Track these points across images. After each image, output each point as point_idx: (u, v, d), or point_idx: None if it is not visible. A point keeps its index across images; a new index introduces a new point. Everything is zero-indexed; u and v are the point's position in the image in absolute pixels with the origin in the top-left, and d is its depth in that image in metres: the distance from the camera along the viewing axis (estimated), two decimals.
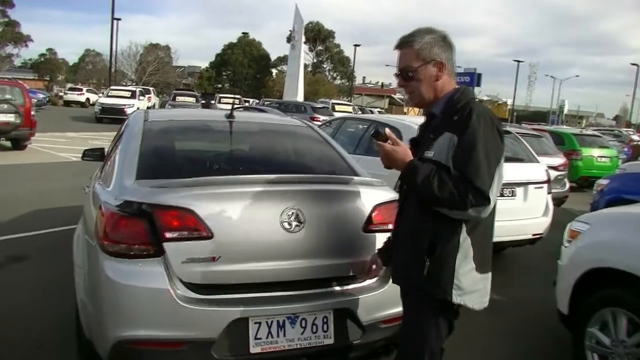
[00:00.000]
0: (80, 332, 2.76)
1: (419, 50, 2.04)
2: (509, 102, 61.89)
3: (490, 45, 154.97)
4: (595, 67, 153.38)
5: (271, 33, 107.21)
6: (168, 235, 2.38)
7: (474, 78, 34.33)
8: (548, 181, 5.81)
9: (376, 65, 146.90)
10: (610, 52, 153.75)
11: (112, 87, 28.73)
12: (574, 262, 3.52)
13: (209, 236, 2.41)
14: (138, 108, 24.58)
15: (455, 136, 1.92)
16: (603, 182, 6.84)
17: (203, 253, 2.40)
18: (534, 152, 6.16)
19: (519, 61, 58.85)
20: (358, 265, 2.67)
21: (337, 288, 2.68)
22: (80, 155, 4.92)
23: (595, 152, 13.93)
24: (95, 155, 4.76)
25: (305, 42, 38.55)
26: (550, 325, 3.95)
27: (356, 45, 56.75)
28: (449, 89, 2.08)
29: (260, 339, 2.45)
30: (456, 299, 1.99)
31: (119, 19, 38.44)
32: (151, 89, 33.54)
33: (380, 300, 2.72)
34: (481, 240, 2.02)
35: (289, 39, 38.92)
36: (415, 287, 2.10)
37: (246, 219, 2.49)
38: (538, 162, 5.98)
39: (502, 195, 5.38)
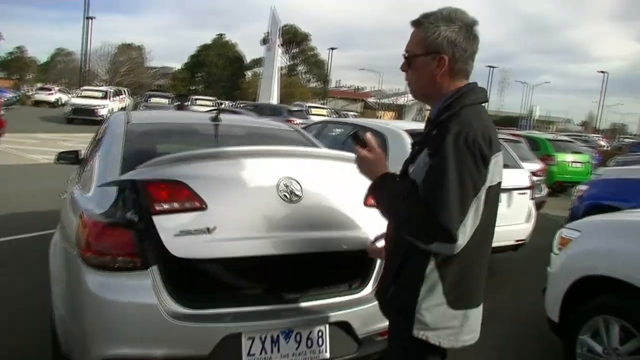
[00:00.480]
0: (57, 348, 2.59)
1: (425, 36, 1.74)
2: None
3: None
4: (564, 74, 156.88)
5: (246, 35, 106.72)
6: (158, 208, 2.25)
7: None
8: (532, 187, 5.82)
9: (350, 69, 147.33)
10: (580, 60, 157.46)
11: (84, 87, 28.12)
12: (565, 270, 3.51)
13: (203, 207, 2.28)
14: (111, 109, 24.17)
15: (428, 155, 1.67)
16: (582, 187, 6.89)
17: (198, 225, 2.27)
18: (517, 158, 6.17)
19: (492, 67, 59.86)
20: (360, 240, 2.56)
21: (332, 300, 2.58)
22: (53, 157, 4.71)
23: (569, 157, 14.12)
24: (70, 158, 4.56)
25: (280, 45, 38.40)
26: (540, 332, 3.92)
27: (331, 49, 56.94)
28: (453, 88, 1.77)
29: (253, 355, 2.33)
30: (417, 333, 1.73)
31: (92, 18, 37.69)
32: (124, 89, 32.88)
33: (376, 312, 2.62)
34: (459, 272, 1.73)
35: (264, 41, 38.68)
36: (382, 311, 1.96)
37: (242, 189, 2.40)
38: (522, 167, 5.98)
39: None
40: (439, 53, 1.73)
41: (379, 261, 2.73)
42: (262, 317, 2.38)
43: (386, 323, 2.62)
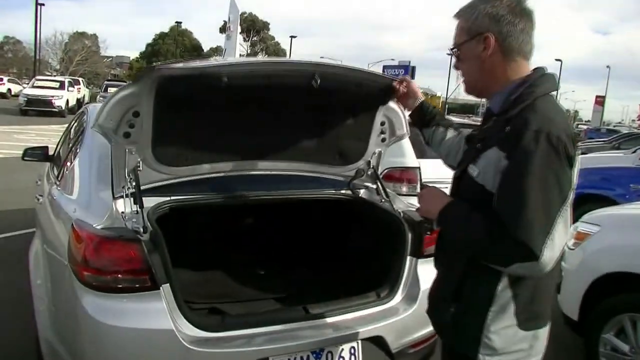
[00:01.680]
0: None
1: (466, 22, 1.54)
2: (441, 94, 63.49)
3: (420, 39, 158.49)
4: None
5: (204, 23, 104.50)
6: None
7: (408, 71, 34.57)
8: None
9: (311, 58, 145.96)
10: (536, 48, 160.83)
11: (37, 77, 26.70)
12: (585, 267, 3.34)
13: None
14: (68, 100, 23.05)
15: (503, 156, 1.40)
16: None
17: None
18: None
19: (452, 54, 60.19)
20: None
21: (362, 313, 2.31)
22: (7, 152, 4.24)
23: None
24: (38, 154, 4.11)
25: (240, 33, 37.59)
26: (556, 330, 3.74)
27: (292, 37, 56.27)
28: (516, 75, 1.52)
29: None
30: (483, 358, 1.51)
31: (42, 4, 35.88)
32: (80, 79, 31.51)
33: (409, 322, 2.39)
34: (533, 289, 1.50)
35: (222, 30, 37.83)
36: (437, 330, 1.73)
37: None
38: None
39: None
40: (482, 33, 1.51)
41: (407, 265, 2.48)
42: (290, 337, 2.10)
43: (419, 334, 2.44)
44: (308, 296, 2.69)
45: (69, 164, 2.90)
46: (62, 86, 24.03)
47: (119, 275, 1.90)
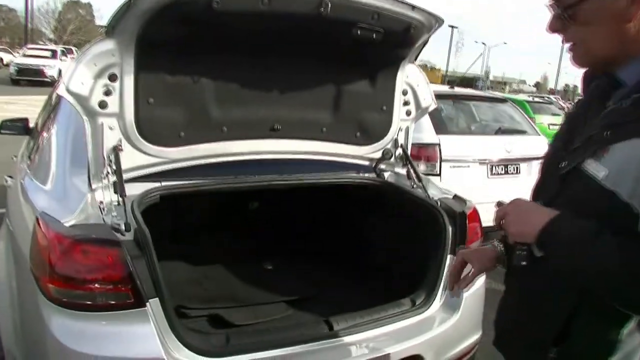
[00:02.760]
0: None
1: None
2: (441, 68, 62.57)
3: None
4: (520, 36, 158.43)
5: None
6: None
7: None
8: None
9: None
10: (535, 21, 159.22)
11: (29, 46, 25.93)
12: None
13: None
14: (60, 69, 22.36)
15: None
16: None
17: None
18: (533, 124, 5.57)
19: (453, 27, 59.15)
20: None
21: (396, 326, 1.90)
22: None
23: (547, 119, 13.80)
24: (17, 127, 3.64)
25: None
26: None
27: None
28: None
29: None
30: None
31: None
32: (73, 48, 30.64)
33: (450, 335, 2.00)
34: None
35: None
36: None
37: None
38: (539, 134, 5.39)
39: (506, 172, 4.77)
40: None
41: (447, 265, 2.07)
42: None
43: (460, 348, 2.06)
44: (326, 300, 2.29)
45: (40, 140, 2.45)
46: (54, 55, 23.34)
47: (94, 289, 1.48)
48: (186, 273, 2.53)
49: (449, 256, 2.09)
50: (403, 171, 2.46)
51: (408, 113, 2.45)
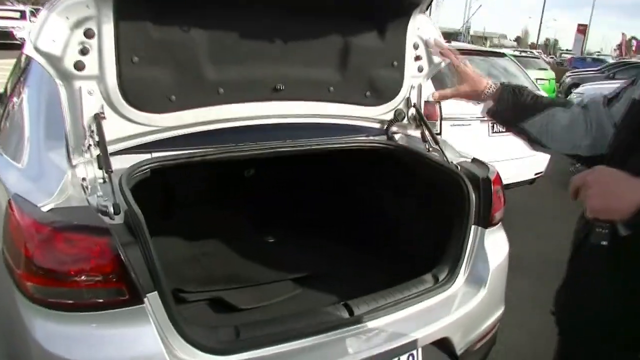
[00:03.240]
0: None
1: None
2: None
3: None
4: None
5: None
6: None
7: None
8: None
9: None
10: None
11: None
12: None
13: None
14: (30, 31, 21.39)
15: None
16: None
17: None
18: (533, 80, 5.35)
19: None
20: None
21: (419, 307, 1.72)
22: None
23: (534, 73, 13.58)
24: None
25: None
26: None
27: None
28: None
29: None
30: None
31: None
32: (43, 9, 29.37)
33: (476, 313, 1.83)
34: None
35: None
36: None
37: None
38: (539, 89, 5.18)
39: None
40: None
41: (471, 237, 1.88)
42: (332, 355, 1.50)
43: (485, 325, 1.91)
44: (336, 277, 2.11)
45: (10, 109, 2.17)
46: (23, 16, 22.32)
47: (81, 286, 1.25)
48: (182, 251, 2.32)
49: (472, 227, 1.90)
50: (417, 133, 2.24)
51: (420, 69, 2.22)
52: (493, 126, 4.46)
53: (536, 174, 4.93)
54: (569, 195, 0.95)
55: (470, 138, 4.28)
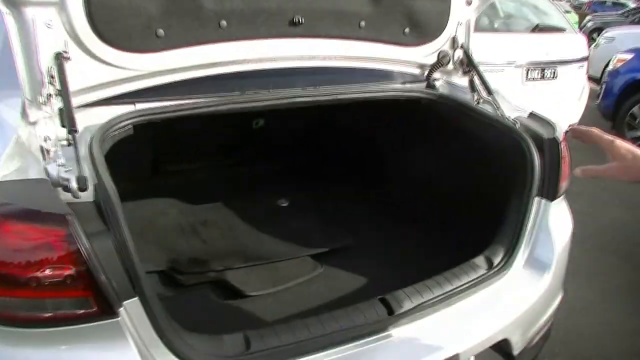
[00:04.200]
0: None
1: None
2: None
3: None
4: None
5: None
6: None
7: None
8: (587, 58, 4.59)
9: None
10: None
11: None
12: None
13: None
14: None
15: None
16: (623, 57, 5.44)
17: None
18: (568, 19, 4.83)
19: None
20: None
21: (469, 301, 1.38)
22: None
23: None
24: None
25: None
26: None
27: None
28: None
29: None
30: None
31: None
32: None
33: (539, 304, 1.49)
34: None
35: None
36: None
37: None
38: (576, 32, 4.68)
39: (542, 77, 4.13)
40: None
41: (533, 211, 1.54)
42: None
43: (545, 317, 1.57)
44: (365, 252, 1.77)
45: None
46: None
47: (34, 295, 0.91)
48: (176, 219, 1.98)
49: (535, 199, 1.53)
50: (464, 81, 1.84)
51: (469, 2, 1.80)
52: (527, 72, 4.02)
53: (569, 125, 4.52)
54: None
55: (503, 85, 3.87)
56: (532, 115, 1.73)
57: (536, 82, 4.10)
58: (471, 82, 1.81)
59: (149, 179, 2.19)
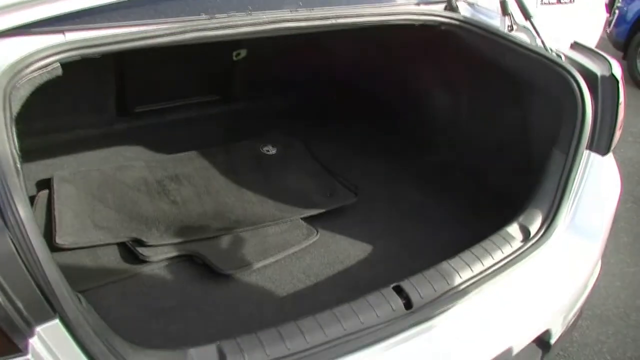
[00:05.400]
0: None
1: None
2: None
3: None
4: None
5: None
6: None
7: None
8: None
9: None
10: None
11: None
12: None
13: None
14: None
15: None
16: None
17: None
18: None
19: None
20: None
21: (512, 278, 1.09)
22: None
23: None
24: None
25: None
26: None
27: None
28: None
29: None
30: None
31: None
32: None
33: (584, 283, 1.22)
34: None
35: None
36: None
37: None
38: None
39: (558, 0, 3.73)
40: None
41: (582, 167, 1.25)
42: None
43: (583, 298, 1.31)
44: (369, 212, 1.50)
45: None
46: None
47: None
48: (143, 172, 1.65)
49: (585, 152, 1.23)
50: (492, 3, 1.48)
51: None
52: None
53: None
54: None
55: (515, 8, 3.48)
56: (578, 46, 1.40)
57: (552, 5, 3.69)
58: (503, 5, 1.45)
59: (112, 123, 1.85)
